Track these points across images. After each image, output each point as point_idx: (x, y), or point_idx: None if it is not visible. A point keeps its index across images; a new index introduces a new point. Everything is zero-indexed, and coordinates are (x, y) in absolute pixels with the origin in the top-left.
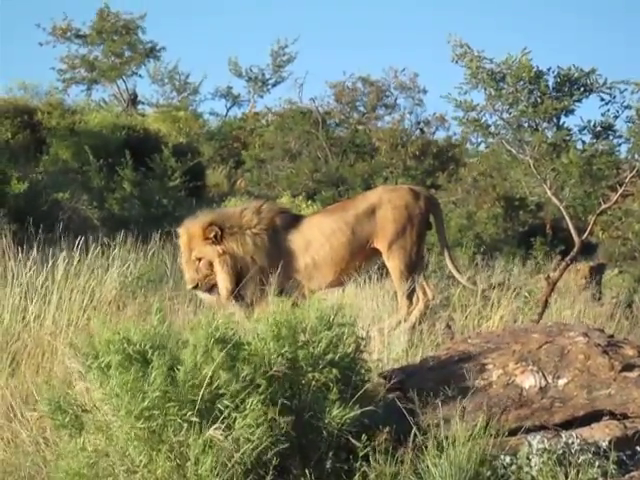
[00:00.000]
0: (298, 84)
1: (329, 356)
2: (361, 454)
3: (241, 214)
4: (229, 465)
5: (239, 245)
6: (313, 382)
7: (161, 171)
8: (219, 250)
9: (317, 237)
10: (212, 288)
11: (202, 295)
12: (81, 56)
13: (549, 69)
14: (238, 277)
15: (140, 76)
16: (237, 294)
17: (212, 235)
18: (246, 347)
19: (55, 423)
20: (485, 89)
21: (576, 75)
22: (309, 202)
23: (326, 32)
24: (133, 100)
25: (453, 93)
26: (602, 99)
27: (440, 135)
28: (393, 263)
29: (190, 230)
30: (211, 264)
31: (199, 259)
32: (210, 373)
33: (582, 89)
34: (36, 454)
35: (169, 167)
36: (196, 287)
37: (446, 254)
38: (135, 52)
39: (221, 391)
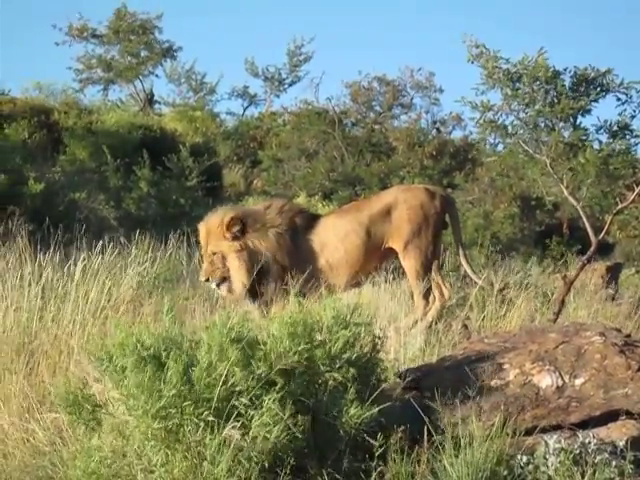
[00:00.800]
0: (314, 84)
1: (346, 355)
2: (378, 453)
3: (265, 212)
4: (246, 464)
5: (261, 242)
6: (330, 381)
7: (178, 171)
8: (237, 246)
9: (332, 239)
10: (223, 282)
11: (216, 289)
12: (98, 56)
13: (565, 69)
14: (256, 274)
15: (157, 76)
16: (255, 292)
17: (236, 230)
18: (261, 346)
19: (71, 418)
20: (502, 89)
21: (592, 75)
22: (325, 202)
23: (342, 32)
24: (150, 100)
25: (469, 94)
26: (619, 99)
27: (457, 135)
28: (409, 263)
29: (208, 224)
30: (224, 258)
31: (214, 253)
32: (225, 371)
33: (599, 89)
34: (53, 454)
35: (186, 167)
36: (207, 280)
37: (461, 253)
38: (152, 52)
39: (237, 389)
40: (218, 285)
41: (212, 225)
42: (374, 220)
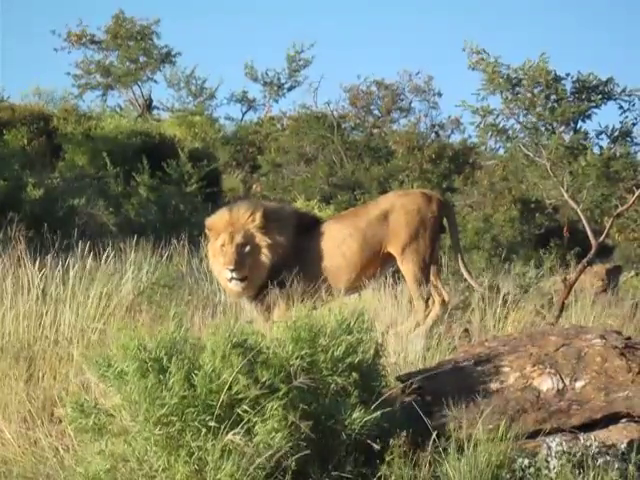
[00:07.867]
0: (313, 88)
1: (348, 360)
2: (380, 458)
3: (280, 212)
4: (250, 470)
5: (276, 242)
6: (332, 385)
7: (178, 176)
8: (269, 240)
9: (330, 245)
10: (245, 277)
11: (233, 282)
12: (96, 61)
13: (567, 75)
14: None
15: (155, 82)
16: (257, 296)
17: (268, 224)
18: (265, 351)
19: (77, 426)
20: (502, 92)
21: (594, 82)
22: (322, 205)
23: (341, 36)
24: (148, 105)
25: (469, 98)
26: (621, 107)
27: (455, 138)
28: (407, 267)
29: (234, 213)
30: (253, 252)
31: (243, 245)
32: (230, 378)
33: (600, 95)
34: (54, 459)
35: (185, 172)
36: (233, 271)
37: (459, 257)
38: (150, 58)
39: (240, 396)
40: (241, 280)
41: (240, 215)
42: (372, 225)
